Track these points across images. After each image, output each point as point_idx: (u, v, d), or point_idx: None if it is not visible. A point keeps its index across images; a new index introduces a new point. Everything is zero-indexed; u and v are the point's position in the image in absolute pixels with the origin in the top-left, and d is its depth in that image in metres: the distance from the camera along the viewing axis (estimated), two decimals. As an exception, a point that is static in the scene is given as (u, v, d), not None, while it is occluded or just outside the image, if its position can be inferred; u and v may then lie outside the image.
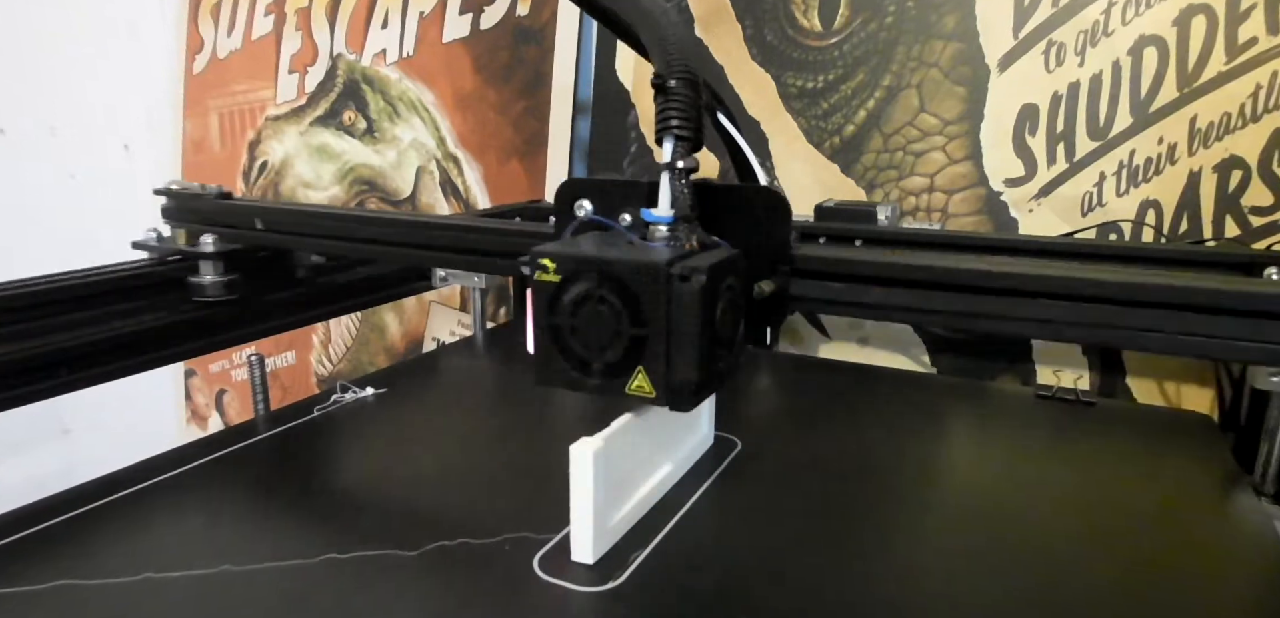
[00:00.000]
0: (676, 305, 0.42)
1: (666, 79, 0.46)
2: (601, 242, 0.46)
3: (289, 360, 1.52)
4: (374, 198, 1.37)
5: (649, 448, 0.52)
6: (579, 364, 0.44)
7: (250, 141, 1.51)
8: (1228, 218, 0.80)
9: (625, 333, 0.42)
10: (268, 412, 0.73)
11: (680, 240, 0.45)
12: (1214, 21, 0.79)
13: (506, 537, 0.48)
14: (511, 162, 1.23)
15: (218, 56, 1.52)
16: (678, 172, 0.45)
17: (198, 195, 0.81)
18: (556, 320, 0.44)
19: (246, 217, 0.76)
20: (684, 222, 0.45)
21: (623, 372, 0.43)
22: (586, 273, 0.43)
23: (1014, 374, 0.91)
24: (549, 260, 0.43)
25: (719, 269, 0.43)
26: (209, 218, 0.78)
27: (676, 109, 0.46)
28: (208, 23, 1.52)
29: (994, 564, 0.47)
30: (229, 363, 1.61)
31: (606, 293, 0.42)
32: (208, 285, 0.77)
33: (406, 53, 1.29)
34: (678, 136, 0.45)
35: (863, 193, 0.96)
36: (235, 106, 1.52)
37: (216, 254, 0.77)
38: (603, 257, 0.43)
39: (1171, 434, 0.66)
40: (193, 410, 1.70)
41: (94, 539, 0.49)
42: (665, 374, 0.42)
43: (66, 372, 0.67)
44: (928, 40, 0.90)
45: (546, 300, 0.44)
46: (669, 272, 0.41)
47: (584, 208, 0.50)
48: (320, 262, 0.86)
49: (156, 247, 0.79)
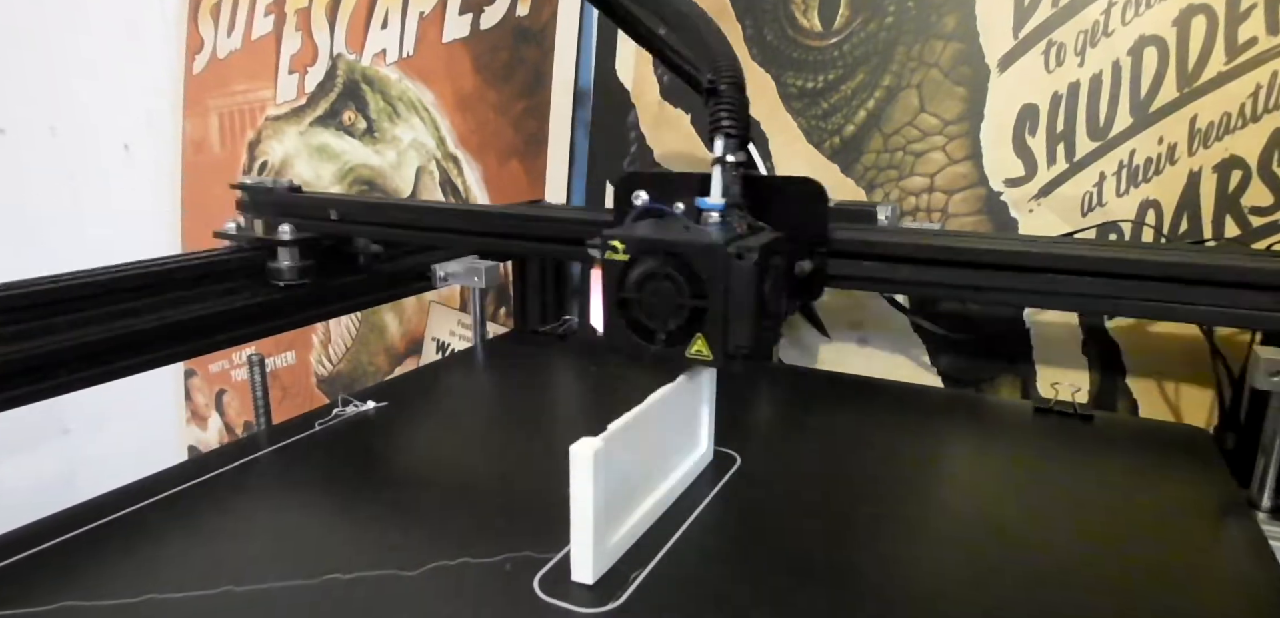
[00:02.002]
0: (733, 280, 0.47)
1: (717, 82, 0.52)
2: (660, 226, 0.51)
3: (289, 361, 1.52)
4: (374, 198, 1.37)
5: (649, 457, 0.52)
6: (644, 333, 0.50)
7: (250, 142, 1.51)
8: (1228, 218, 0.80)
9: (687, 305, 0.48)
10: (269, 426, 0.72)
11: (731, 225, 0.50)
12: (1214, 21, 0.78)
13: (507, 556, 0.48)
14: (511, 162, 1.22)
15: (218, 56, 1.52)
16: (728, 165, 0.51)
17: (269, 189, 0.88)
18: (625, 295, 0.49)
19: (320, 207, 0.85)
20: (734, 208, 0.51)
21: (683, 339, 0.49)
22: (651, 253, 0.49)
23: (1014, 374, 0.92)
24: (618, 242, 0.49)
25: (768, 249, 0.49)
26: (285, 208, 0.86)
27: (727, 109, 0.52)
28: (208, 23, 1.52)
29: (990, 586, 0.47)
30: (229, 363, 1.61)
31: (670, 270, 0.48)
32: (286, 270, 0.84)
33: (406, 53, 1.29)
34: (728, 134, 0.52)
35: (863, 193, 0.96)
36: (235, 106, 1.52)
37: (293, 242, 0.85)
38: (666, 238, 0.49)
39: (1168, 450, 0.66)
40: (193, 411, 1.71)
41: (96, 560, 0.49)
42: (722, 340, 0.48)
43: (182, 342, 0.76)
44: (928, 40, 0.90)
45: (616, 278, 0.50)
46: (726, 250, 0.47)
47: (641, 197, 0.55)
48: (379, 250, 0.94)
49: (237, 235, 0.88)
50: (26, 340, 0.65)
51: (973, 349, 0.94)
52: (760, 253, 0.47)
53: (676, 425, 0.57)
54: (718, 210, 0.50)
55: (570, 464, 0.44)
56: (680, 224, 0.51)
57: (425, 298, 1.34)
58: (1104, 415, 0.72)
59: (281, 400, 1.53)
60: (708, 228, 0.50)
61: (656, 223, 0.52)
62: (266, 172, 1.49)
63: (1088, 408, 0.71)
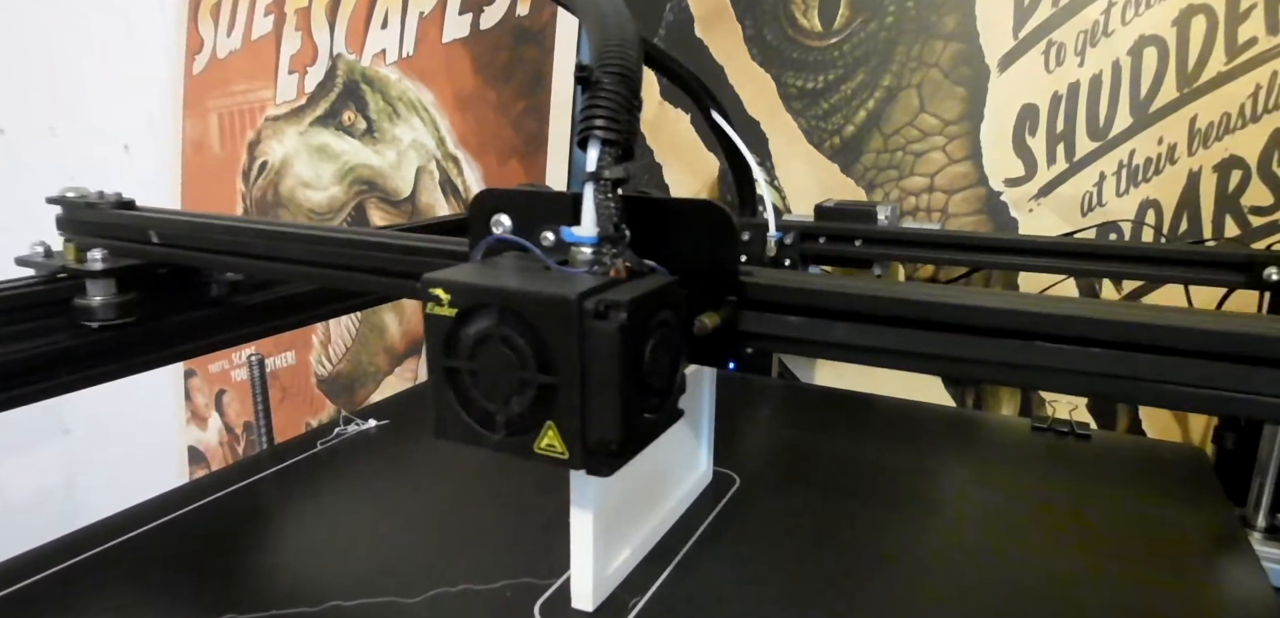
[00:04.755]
0: (591, 347, 0.34)
1: (593, 72, 0.39)
2: (514, 267, 0.39)
3: (289, 361, 1.52)
4: (373, 198, 1.37)
5: (649, 465, 0.51)
6: (481, 416, 0.37)
7: (250, 142, 1.51)
8: (1227, 218, 0.80)
9: (532, 380, 0.35)
10: (270, 435, 0.72)
11: (604, 266, 0.38)
12: (1214, 21, 0.78)
13: (507, 583, 0.48)
14: (511, 162, 1.22)
15: (217, 56, 1.52)
16: (604, 182, 0.38)
17: (93, 204, 0.68)
18: (453, 362, 0.37)
19: (139, 229, 0.64)
20: (609, 242, 0.38)
21: (530, 426, 0.36)
22: (486, 306, 0.35)
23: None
24: (442, 290, 0.36)
25: (645, 302, 0.36)
26: (100, 229, 0.66)
27: (604, 108, 0.38)
28: (208, 23, 1.52)
29: (986, 610, 0.47)
30: (229, 363, 1.61)
31: (509, 331, 0.35)
32: (97, 308, 0.64)
33: (406, 53, 1.29)
34: (604, 140, 0.38)
35: (863, 193, 0.96)
36: (235, 106, 1.52)
37: (106, 271, 0.65)
38: (502, 286, 0.36)
39: (1164, 470, 0.66)
40: (192, 411, 1.71)
41: (97, 588, 0.49)
42: (580, 430, 0.35)
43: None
44: (928, 40, 0.90)
45: (442, 338, 0.37)
46: (582, 306, 0.34)
47: (502, 224, 0.42)
48: (238, 278, 0.74)
49: (44, 262, 0.67)
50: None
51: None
52: (630, 310, 0.34)
53: (675, 442, 0.56)
54: (588, 244, 0.38)
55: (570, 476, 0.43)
56: (540, 265, 0.39)
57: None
58: (1101, 434, 0.72)
59: (281, 401, 1.53)
60: (569, 272, 0.38)
61: (513, 261, 0.40)
62: (267, 171, 1.49)
63: (1084, 428, 0.71)
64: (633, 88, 0.39)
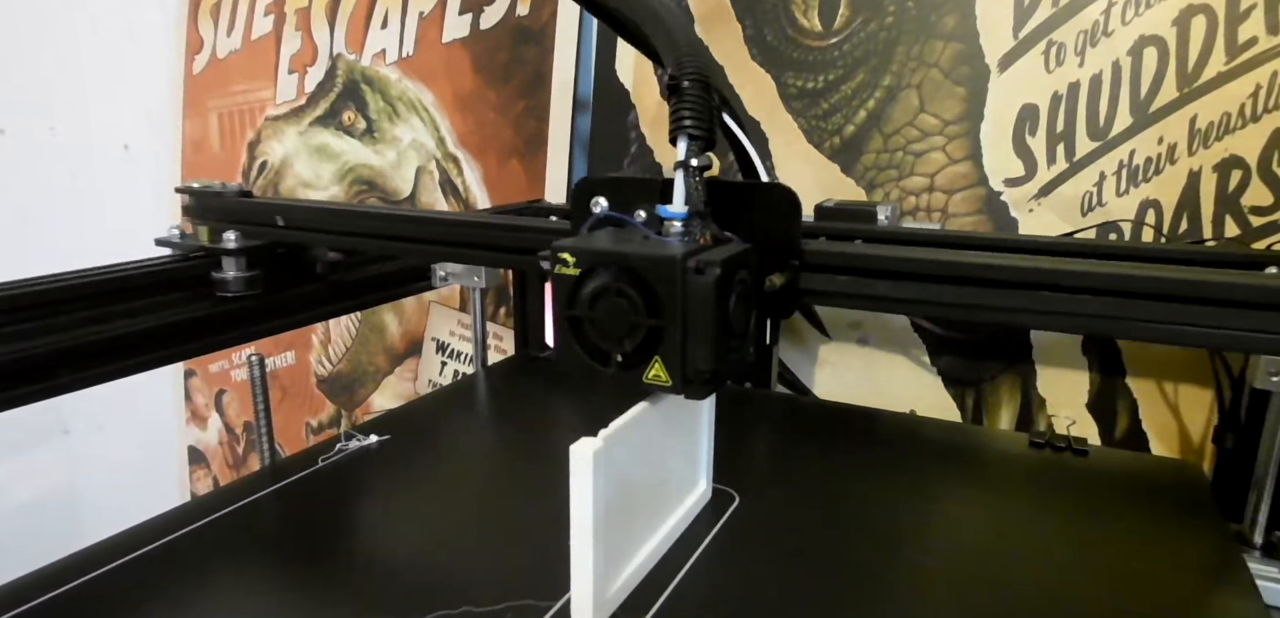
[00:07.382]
0: (691, 297, 0.43)
1: (680, 80, 0.48)
2: (617, 237, 0.48)
3: (289, 360, 1.52)
4: (373, 198, 1.37)
5: (649, 472, 0.51)
6: (598, 355, 0.46)
7: (250, 142, 1.51)
8: (1228, 218, 0.80)
9: (642, 324, 0.44)
10: (272, 442, 0.72)
11: (694, 235, 0.46)
12: (1214, 21, 0.78)
13: (508, 605, 0.48)
14: (511, 162, 1.22)
15: (217, 56, 1.52)
16: (692, 169, 0.47)
17: (218, 194, 0.82)
18: (576, 312, 0.46)
19: (267, 213, 0.79)
20: (697, 217, 0.47)
21: (639, 361, 0.45)
22: (604, 266, 0.45)
23: (1014, 374, 0.92)
24: (568, 254, 0.45)
25: (732, 262, 0.45)
26: (231, 215, 0.80)
27: (690, 109, 0.47)
28: (207, 23, 1.52)
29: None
30: (228, 363, 1.61)
31: (624, 285, 0.44)
32: (231, 281, 0.79)
33: (406, 53, 1.29)
34: (691, 135, 0.47)
35: (863, 193, 0.96)
36: (235, 106, 1.52)
37: (238, 250, 0.79)
38: (620, 250, 0.45)
39: (1161, 486, 0.66)
40: (192, 411, 1.71)
41: (99, 606, 0.49)
42: (681, 363, 0.44)
43: (96, 363, 0.69)
44: (928, 40, 0.90)
45: (566, 293, 0.46)
46: (684, 264, 0.43)
47: (600, 204, 0.52)
48: (338, 258, 0.88)
49: (180, 243, 0.80)
50: (47, 337, 0.65)
51: (973, 349, 0.94)
52: (723, 266, 0.43)
53: (675, 450, 0.56)
54: (679, 219, 0.47)
55: (570, 465, 0.43)
56: (639, 234, 0.48)
57: (425, 298, 1.34)
58: (1099, 450, 0.72)
59: (281, 401, 1.53)
60: (666, 239, 0.46)
61: (613, 232, 0.49)
62: (267, 171, 1.49)
63: (1082, 443, 0.71)
64: (710, 91, 0.49)
